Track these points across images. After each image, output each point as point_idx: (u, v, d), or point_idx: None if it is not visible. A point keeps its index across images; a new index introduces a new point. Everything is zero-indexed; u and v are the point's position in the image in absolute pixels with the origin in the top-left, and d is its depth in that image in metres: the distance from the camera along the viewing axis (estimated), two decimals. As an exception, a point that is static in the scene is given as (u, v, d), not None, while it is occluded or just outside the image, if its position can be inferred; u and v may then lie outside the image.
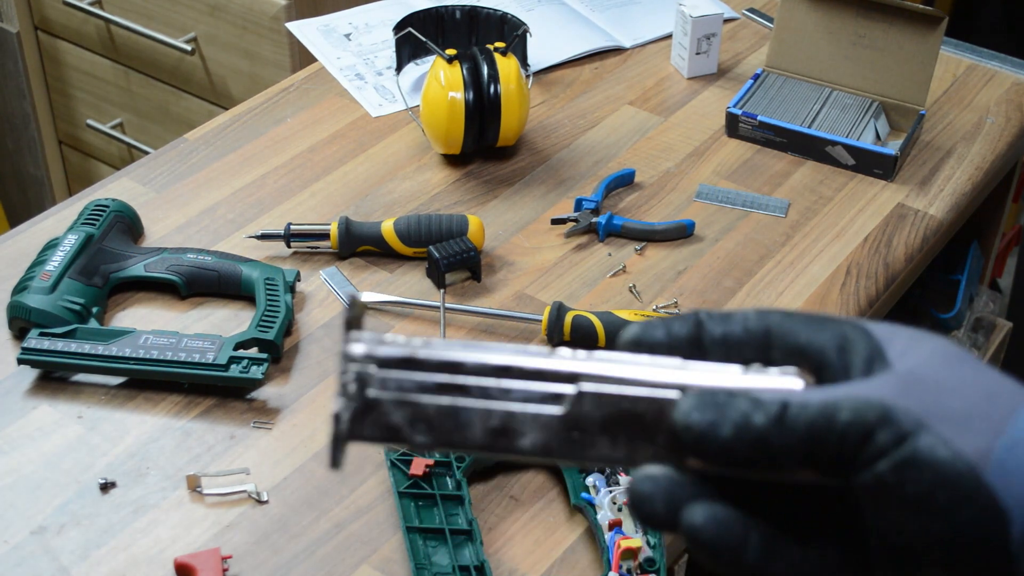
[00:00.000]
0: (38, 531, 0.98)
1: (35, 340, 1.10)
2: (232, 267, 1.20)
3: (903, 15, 1.43)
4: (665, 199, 1.36)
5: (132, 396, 1.10)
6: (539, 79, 1.55)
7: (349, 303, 0.46)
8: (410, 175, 1.39)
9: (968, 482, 0.42)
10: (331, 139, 1.44)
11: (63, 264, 1.17)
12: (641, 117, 1.49)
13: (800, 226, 1.33)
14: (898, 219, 1.35)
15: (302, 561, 0.96)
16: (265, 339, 1.12)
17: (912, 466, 0.42)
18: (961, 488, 0.42)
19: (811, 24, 1.48)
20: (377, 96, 1.51)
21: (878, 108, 1.47)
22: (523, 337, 1.17)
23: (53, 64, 2.20)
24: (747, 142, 1.45)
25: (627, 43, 1.63)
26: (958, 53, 1.63)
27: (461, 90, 1.33)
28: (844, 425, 0.43)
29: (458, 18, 1.53)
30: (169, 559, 0.95)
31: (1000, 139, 1.47)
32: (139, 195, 1.34)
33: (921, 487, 0.42)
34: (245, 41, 1.87)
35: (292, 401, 1.10)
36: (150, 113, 2.10)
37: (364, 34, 1.63)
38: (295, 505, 1.01)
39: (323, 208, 1.33)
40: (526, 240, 1.30)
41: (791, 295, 1.24)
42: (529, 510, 1.01)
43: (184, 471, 1.03)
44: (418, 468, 1.01)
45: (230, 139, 1.44)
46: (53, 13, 2.12)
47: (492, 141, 1.38)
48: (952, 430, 0.43)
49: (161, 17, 1.96)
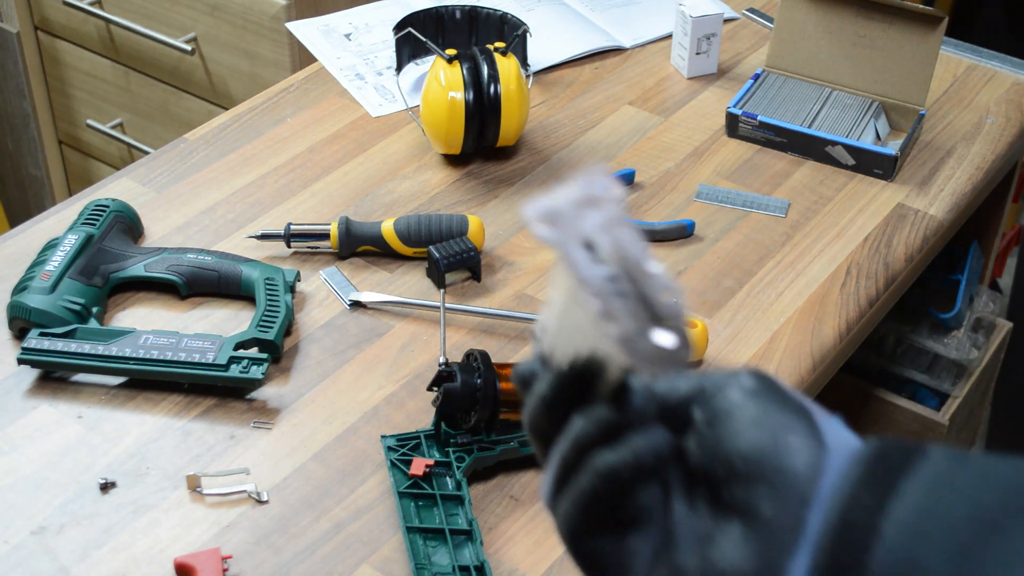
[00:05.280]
0: (38, 531, 0.98)
1: (35, 340, 1.10)
2: (232, 267, 1.20)
3: (903, 15, 1.43)
4: (665, 199, 1.36)
5: (132, 396, 1.10)
6: (539, 79, 1.55)
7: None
8: (410, 175, 1.39)
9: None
10: (331, 139, 1.44)
11: (63, 264, 1.17)
12: (641, 117, 1.49)
13: (800, 226, 1.33)
14: (898, 219, 1.35)
15: (302, 561, 0.96)
16: (265, 339, 1.12)
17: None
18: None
19: (811, 24, 1.48)
20: (377, 96, 1.51)
21: (878, 108, 1.47)
22: (523, 337, 1.17)
23: (53, 64, 2.20)
24: (747, 142, 1.45)
25: (627, 43, 1.63)
26: (958, 53, 1.63)
27: (461, 90, 1.33)
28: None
29: (458, 18, 1.53)
30: (169, 559, 0.95)
31: (1000, 139, 1.47)
32: (139, 195, 1.34)
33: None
34: (245, 41, 1.87)
35: (292, 401, 1.10)
36: (150, 113, 2.10)
37: (364, 34, 1.63)
38: (295, 505, 1.01)
39: (323, 208, 1.33)
40: (526, 240, 1.30)
41: (791, 295, 1.24)
42: (529, 510, 1.01)
43: (184, 471, 1.03)
44: (418, 468, 1.01)
45: (230, 139, 1.44)
46: (53, 13, 2.12)
47: (492, 141, 1.38)
48: None
49: (161, 17, 1.96)
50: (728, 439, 0.51)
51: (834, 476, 0.49)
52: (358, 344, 1.17)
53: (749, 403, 0.51)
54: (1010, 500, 0.46)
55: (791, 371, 1.15)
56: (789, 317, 1.21)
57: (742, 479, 0.50)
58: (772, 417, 0.51)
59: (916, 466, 0.48)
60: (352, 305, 1.21)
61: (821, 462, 0.49)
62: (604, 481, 0.52)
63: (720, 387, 0.53)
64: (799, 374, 1.15)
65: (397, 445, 1.04)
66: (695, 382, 0.54)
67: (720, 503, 0.51)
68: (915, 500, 0.47)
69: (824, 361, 1.18)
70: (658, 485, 0.53)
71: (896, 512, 0.47)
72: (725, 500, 0.51)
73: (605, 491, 0.52)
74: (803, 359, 1.17)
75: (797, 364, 1.16)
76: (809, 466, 0.49)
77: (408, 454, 1.03)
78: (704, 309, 1.22)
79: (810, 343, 1.18)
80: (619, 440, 0.53)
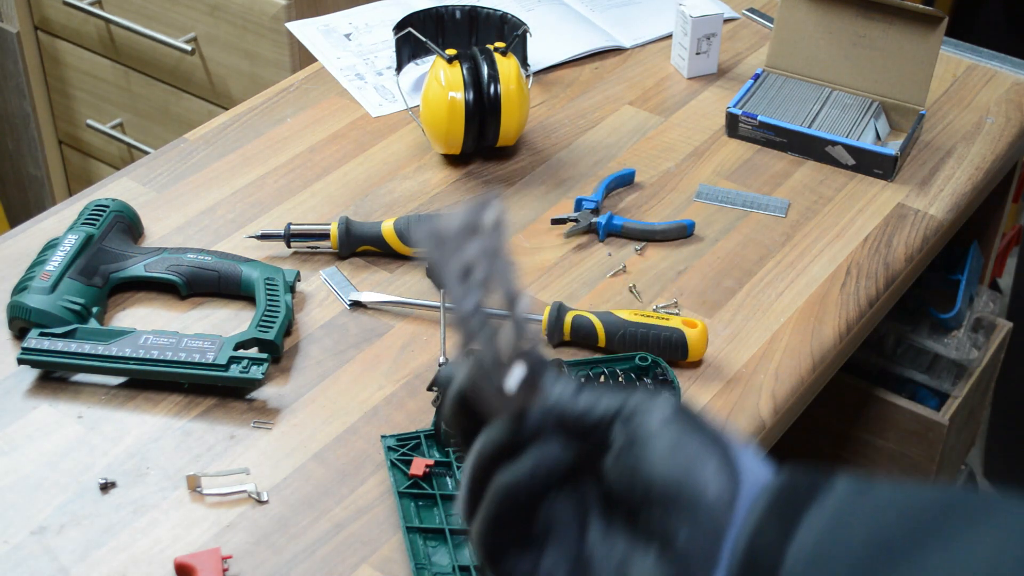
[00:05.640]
0: (38, 531, 0.98)
1: (35, 340, 1.10)
2: (232, 267, 1.20)
3: (903, 15, 1.43)
4: (665, 199, 1.36)
5: (132, 396, 1.10)
6: (539, 79, 1.55)
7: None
8: (410, 175, 1.39)
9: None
10: (331, 139, 1.44)
11: (63, 264, 1.17)
12: (641, 117, 1.49)
13: (800, 226, 1.33)
14: (898, 219, 1.35)
15: (302, 561, 0.96)
16: (265, 339, 1.12)
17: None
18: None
19: (811, 24, 1.48)
20: (377, 96, 1.51)
21: (878, 108, 1.47)
22: (523, 337, 1.17)
23: (53, 64, 2.20)
24: (747, 142, 1.45)
25: (627, 43, 1.63)
26: (958, 53, 1.63)
27: (461, 90, 1.33)
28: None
29: (458, 18, 1.53)
30: (169, 559, 0.95)
31: (1000, 139, 1.47)
32: (139, 195, 1.34)
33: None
34: (245, 41, 1.87)
35: (292, 401, 1.10)
36: (150, 113, 2.10)
37: (364, 34, 1.63)
38: (295, 505, 1.01)
39: (323, 208, 1.33)
40: (526, 240, 1.30)
41: (791, 295, 1.24)
42: (529, 510, 1.01)
43: (184, 471, 1.03)
44: (418, 468, 1.01)
45: (230, 139, 1.44)
46: (53, 13, 2.12)
47: (492, 141, 1.38)
48: None
49: (161, 17, 1.96)
50: (646, 465, 0.51)
51: (746, 507, 0.50)
52: (358, 344, 1.16)
53: (667, 430, 0.52)
54: (907, 524, 0.47)
55: (791, 371, 1.15)
56: (789, 317, 1.21)
57: (659, 506, 0.51)
58: (689, 446, 0.51)
59: (821, 496, 0.49)
60: (352, 305, 1.21)
61: (735, 493, 0.50)
62: (505, 497, 0.53)
63: (640, 410, 0.53)
64: (799, 374, 1.15)
65: (397, 445, 1.04)
66: (616, 400, 0.54)
67: (637, 527, 0.52)
68: (818, 529, 0.48)
69: (824, 361, 1.18)
70: (569, 501, 0.54)
71: (800, 541, 0.48)
72: (642, 525, 0.51)
73: (508, 508, 0.53)
74: (803, 359, 1.17)
75: (797, 364, 1.16)
76: (724, 497, 0.50)
77: (408, 454, 1.03)
78: (704, 309, 1.22)
79: (810, 343, 1.18)
80: (517, 457, 0.53)
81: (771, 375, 1.14)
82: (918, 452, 1.66)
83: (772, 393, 1.13)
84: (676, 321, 1.13)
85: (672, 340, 1.12)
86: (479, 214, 0.54)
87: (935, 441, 1.64)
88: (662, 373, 1.08)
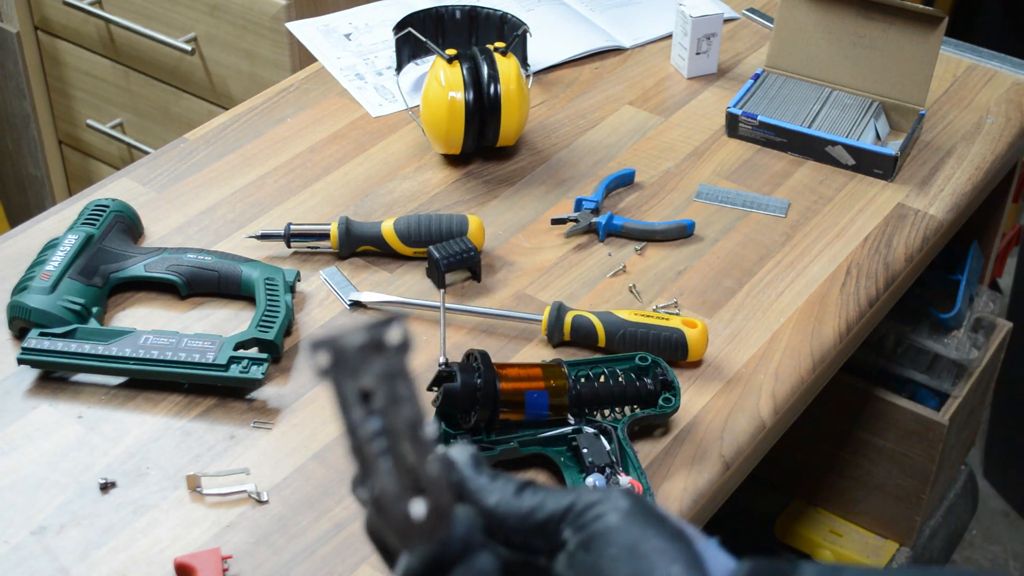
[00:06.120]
0: (38, 531, 0.98)
1: (35, 340, 1.10)
2: (232, 267, 1.20)
3: (903, 15, 1.43)
4: (665, 199, 1.36)
5: (132, 396, 1.10)
6: (539, 79, 1.55)
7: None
8: (410, 175, 1.39)
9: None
10: (331, 139, 1.44)
11: (63, 264, 1.17)
12: (641, 117, 1.49)
13: (800, 226, 1.33)
14: (898, 219, 1.35)
15: (302, 561, 0.96)
16: (265, 339, 1.12)
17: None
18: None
19: (811, 24, 1.48)
20: (377, 96, 1.51)
21: (878, 108, 1.47)
22: (523, 337, 1.17)
23: (53, 64, 2.20)
24: (747, 142, 1.45)
25: (627, 43, 1.63)
26: (958, 53, 1.63)
27: (461, 90, 1.33)
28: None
29: (458, 18, 1.53)
30: (169, 559, 0.95)
31: (1000, 139, 1.47)
32: (139, 195, 1.34)
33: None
34: (245, 41, 1.87)
35: (292, 401, 1.10)
36: (150, 113, 2.10)
37: (364, 34, 1.63)
38: (295, 505, 1.01)
39: (323, 208, 1.33)
40: (526, 240, 1.30)
41: (791, 295, 1.24)
42: (529, 510, 1.01)
43: (184, 471, 1.03)
44: (418, 468, 1.01)
45: (230, 139, 1.44)
46: (53, 13, 2.12)
47: (492, 141, 1.38)
48: None
49: (161, 17, 1.96)
50: (606, 565, 0.49)
51: None
52: (358, 344, 1.16)
53: (625, 527, 0.50)
54: None
55: (791, 371, 1.15)
56: (789, 317, 1.21)
57: None
58: (650, 543, 0.49)
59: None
60: (352, 305, 1.21)
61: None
62: None
63: (593, 507, 0.51)
64: (799, 374, 1.15)
65: (397, 445, 1.04)
66: (567, 498, 0.52)
67: None
68: None
69: (824, 361, 1.18)
70: None
71: None
72: None
73: None
74: (803, 359, 1.17)
75: (797, 364, 1.16)
76: None
77: (408, 454, 1.03)
78: (704, 309, 1.22)
79: (810, 343, 1.18)
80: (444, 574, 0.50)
81: (771, 375, 1.14)
82: (918, 452, 1.66)
83: (772, 393, 1.13)
84: (676, 321, 1.13)
85: (672, 340, 1.12)
86: (383, 332, 0.50)
87: (935, 441, 1.64)
88: (662, 373, 1.08)
